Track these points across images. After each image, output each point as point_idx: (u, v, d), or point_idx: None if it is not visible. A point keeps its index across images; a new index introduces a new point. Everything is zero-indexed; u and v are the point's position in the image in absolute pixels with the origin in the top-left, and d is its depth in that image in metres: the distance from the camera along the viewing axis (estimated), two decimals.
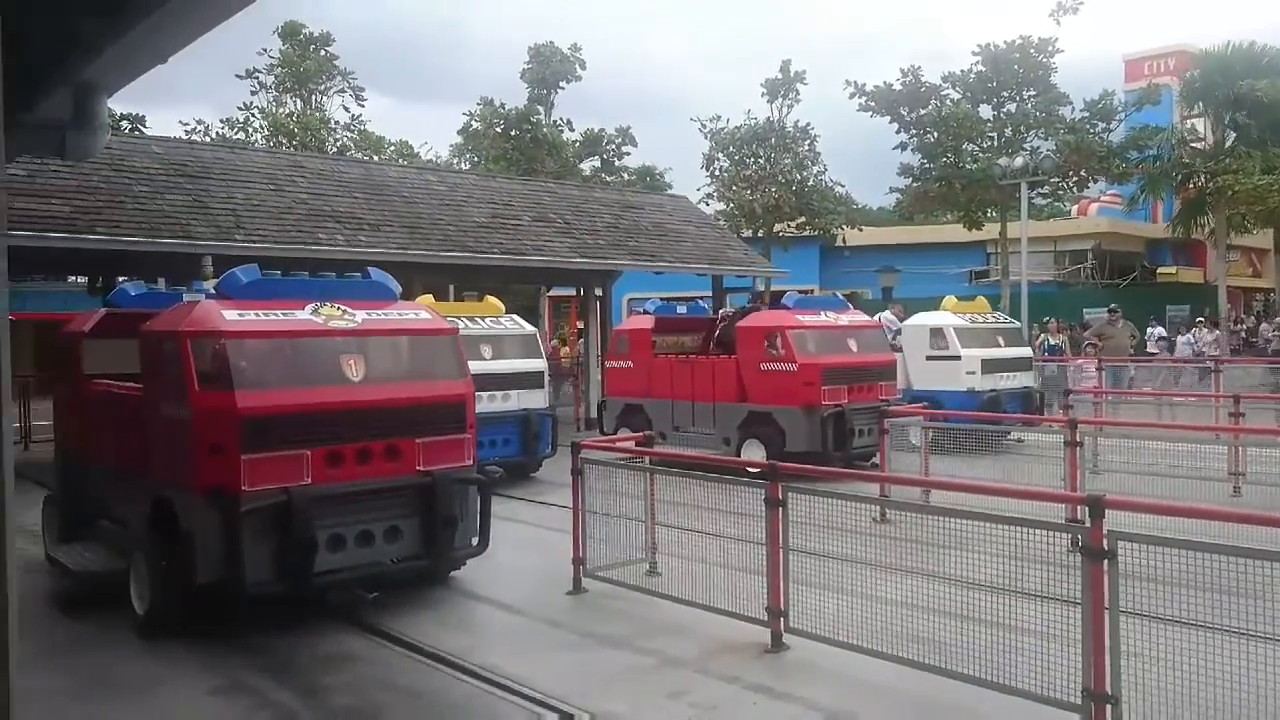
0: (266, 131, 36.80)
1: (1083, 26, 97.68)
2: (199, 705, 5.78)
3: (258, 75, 38.70)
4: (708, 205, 32.73)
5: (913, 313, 17.07)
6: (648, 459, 8.25)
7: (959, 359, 14.94)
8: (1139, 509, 5.20)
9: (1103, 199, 39.09)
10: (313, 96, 39.82)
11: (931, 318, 15.78)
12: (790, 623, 6.21)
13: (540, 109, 38.51)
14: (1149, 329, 25.40)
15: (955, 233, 33.99)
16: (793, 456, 11.07)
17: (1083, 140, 28.12)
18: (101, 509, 8.22)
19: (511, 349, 13.22)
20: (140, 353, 7.38)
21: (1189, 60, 32.64)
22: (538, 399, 13.27)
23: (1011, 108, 29.87)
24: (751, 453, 12.69)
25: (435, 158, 43.25)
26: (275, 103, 39.01)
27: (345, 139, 39.36)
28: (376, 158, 37.07)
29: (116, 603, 7.14)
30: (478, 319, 13.16)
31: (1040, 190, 29.53)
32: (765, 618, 6.29)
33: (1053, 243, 38.18)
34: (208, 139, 33.73)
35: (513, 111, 37.36)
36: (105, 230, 13.56)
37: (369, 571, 6.98)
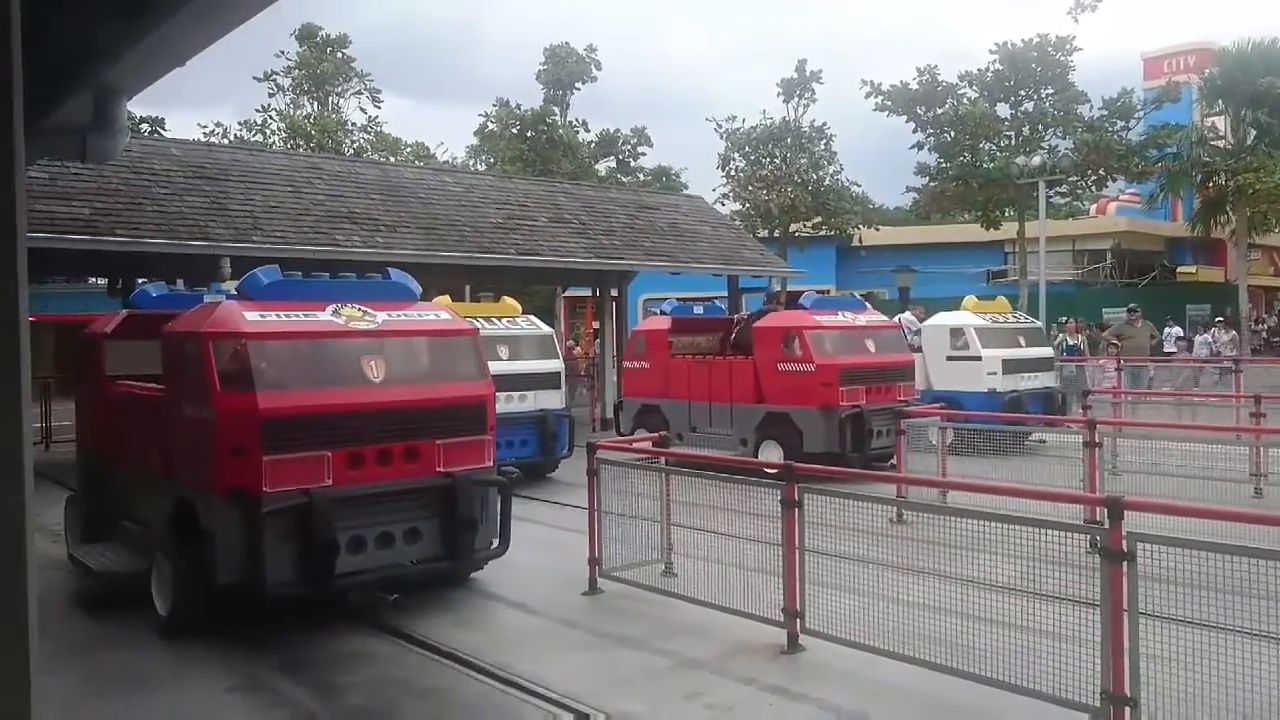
0: (284, 134, 37.03)
1: (1101, 24, 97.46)
2: (217, 703, 5.83)
3: (275, 77, 39.08)
4: (723, 205, 32.72)
5: (931, 313, 16.98)
6: (663, 460, 8.25)
7: (980, 359, 14.80)
8: (1158, 510, 5.18)
9: (1122, 198, 38.82)
10: (330, 98, 40.09)
11: (952, 318, 15.64)
12: (806, 624, 6.20)
13: (556, 110, 38.63)
14: (1166, 329, 25.26)
15: (973, 232, 33.78)
16: (811, 457, 11.05)
17: (1101, 139, 27.92)
18: (123, 509, 8.26)
19: (528, 349, 13.24)
20: (162, 354, 7.42)
21: (1209, 58, 32.40)
22: (554, 400, 13.28)
23: (1029, 106, 29.65)
24: (769, 453, 12.65)
25: (451, 159, 43.51)
26: (293, 105, 39.29)
27: (362, 140, 39.61)
28: (393, 159, 37.21)
29: (138, 602, 7.19)
30: (494, 319, 13.18)
31: (1058, 189, 29.34)
32: (781, 619, 6.28)
33: (1071, 242, 37.90)
34: (226, 141, 33.98)
35: (528, 112, 37.49)
36: (125, 232, 13.68)
37: (389, 573, 6.99)
